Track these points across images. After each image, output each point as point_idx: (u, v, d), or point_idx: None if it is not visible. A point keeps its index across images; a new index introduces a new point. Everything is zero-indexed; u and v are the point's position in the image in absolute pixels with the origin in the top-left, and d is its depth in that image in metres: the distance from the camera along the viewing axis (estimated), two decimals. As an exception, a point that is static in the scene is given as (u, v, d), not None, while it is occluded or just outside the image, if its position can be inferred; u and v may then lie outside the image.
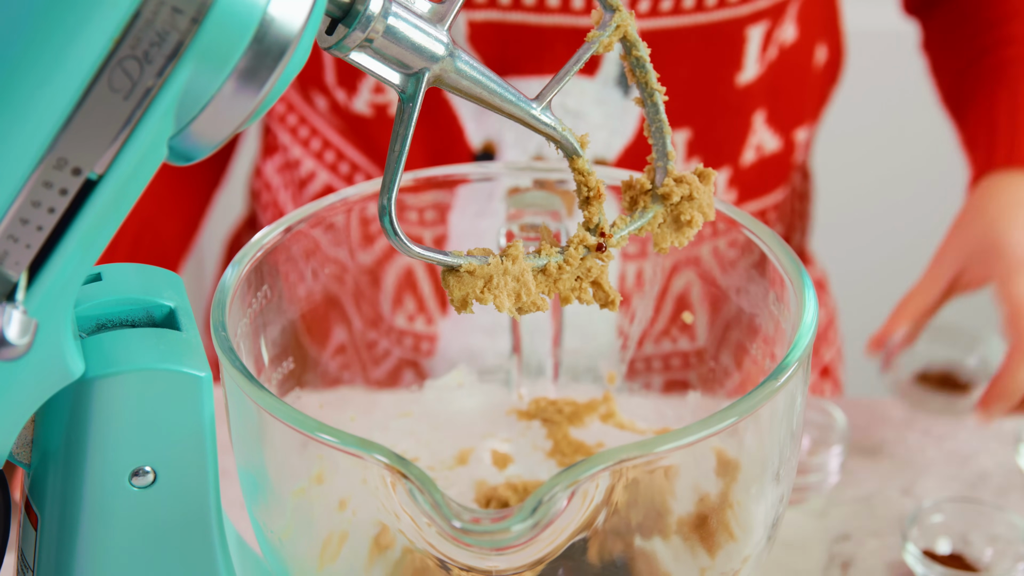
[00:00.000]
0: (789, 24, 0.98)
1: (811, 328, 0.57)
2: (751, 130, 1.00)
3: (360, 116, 0.98)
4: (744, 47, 0.96)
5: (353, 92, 0.97)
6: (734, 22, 0.94)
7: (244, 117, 0.47)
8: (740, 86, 0.97)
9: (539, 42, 0.93)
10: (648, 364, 0.92)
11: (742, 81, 0.97)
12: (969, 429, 0.91)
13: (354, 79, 0.96)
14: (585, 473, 0.50)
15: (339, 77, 0.97)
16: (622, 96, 0.94)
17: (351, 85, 0.97)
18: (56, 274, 0.47)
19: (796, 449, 0.60)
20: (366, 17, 0.50)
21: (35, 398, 0.50)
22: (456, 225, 0.91)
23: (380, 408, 0.77)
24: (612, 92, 0.94)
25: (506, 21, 0.92)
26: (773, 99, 1.00)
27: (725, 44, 0.95)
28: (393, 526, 0.55)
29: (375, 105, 0.97)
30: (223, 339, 0.57)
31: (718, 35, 0.94)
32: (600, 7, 0.57)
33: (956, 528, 0.80)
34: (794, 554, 0.81)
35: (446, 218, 0.90)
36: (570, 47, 0.93)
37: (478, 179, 0.73)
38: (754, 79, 0.97)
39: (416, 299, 0.95)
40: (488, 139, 0.96)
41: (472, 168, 0.73)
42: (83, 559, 0.54)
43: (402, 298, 0.95)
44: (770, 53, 0.98)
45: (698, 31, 0.93)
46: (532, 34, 0.93)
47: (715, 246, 0.70)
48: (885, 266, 1.91)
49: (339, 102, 0.98)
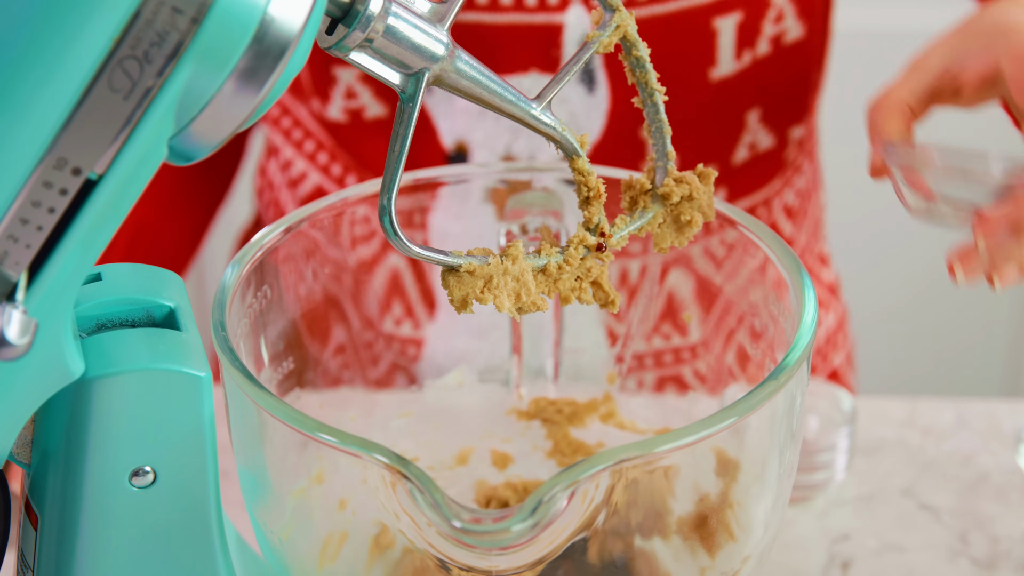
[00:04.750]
0: (790, 20, 0.97)
1: (811, 328, 0.57)
2: (744, 129, 0.99)
3: (336, 123, 0.98)
4: (715, 40, 0.94)
5: (327, 100, 0.96)
6: (695, 12, 0.92)
7: (244, 117, 0.47)
8: (715, 81, 0.96)
9: (494, 41, 0.92)
10: (648, 364, 0.92)
11: (716, 76, 0.96)
12: (969, 429, 0.91)
13: (326, 87, 0.96)
14: (585, 473, 0.50)
15: (312, 86, 0.97)
16: (586, 93, 0.93)
17: (324, 93, 0.96)
18: (56, 274, 0.47)
19: (796, 449, 0.60)
20: (366, 17, 0.50)
21: (35, 398, 0.50)
22: (437, 227, 0.90)
23: (380, 408, 0.77)
24: (575, 89, 0.93)
25: (460, 21, 0.92)
26: (767, 97, 0.99)
27: (690, 37, 0.93)
28: (393, 526, 0.55)
29: (348, 111, 0.96)
30: (223, 339, 0.58)
31: (680, 27, 0.92)
32: (600, 7, 0.57)
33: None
34: (794, 554, 0.81)
35: (426, 221, 0.90)
36: (525, 45, 0.92)
37: (455, 181, 0.72)
38: (733, 74, 0.96)
39: (403, 304, 0.95)
40: (460, 140, 0.95)
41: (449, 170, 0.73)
42: (83, 559, 0.54)
43: (390, 303, 0.95)
44: (760, 48, 0.96)
45: (657, 23, 0.92)
46: (487, 33, 0.92)
47: (715, 245, 0.70)
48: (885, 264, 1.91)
49: (314, 110, 0.98)
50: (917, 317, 1.96)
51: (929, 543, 0.82)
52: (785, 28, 0.97)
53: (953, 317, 1.95)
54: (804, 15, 0.98)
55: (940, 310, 1.95)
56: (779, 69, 0.98)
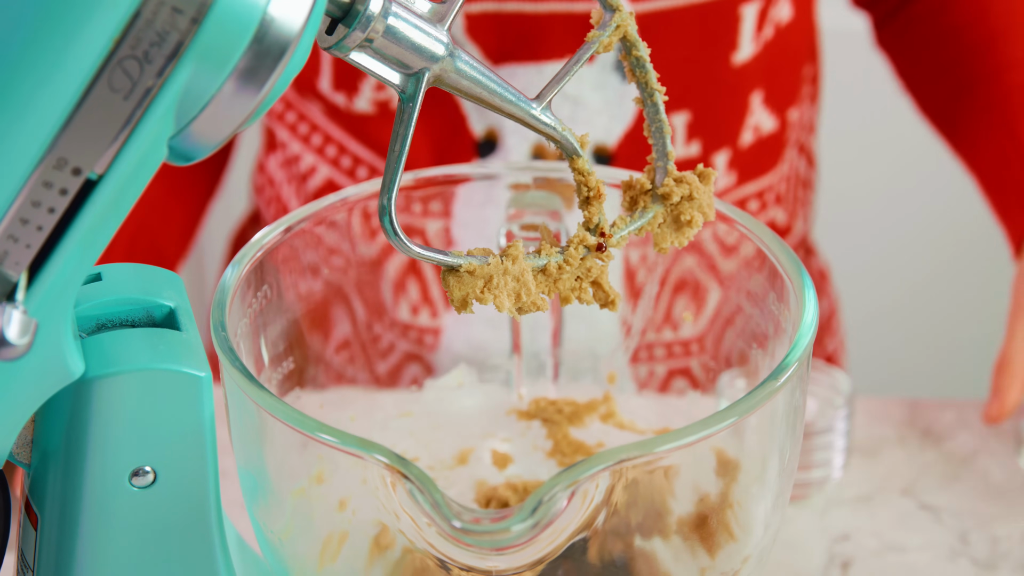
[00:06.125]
0: (784, 2, 0.99)
1: (811, 328, 0.57)
2: (749, 111, 1.00)
3: (363, 115, 0.98)
4: (739, 26, 0.96)
5: (354, 92, 0.97)
6: (727, 1, 0.95)
7: (244, 117, 0.47)
8: (736, 66, 0.98)
9: (536, 30, 0.93)
10: (648, 364, 0.92)
11: (737, 61, 0.97)
12: (969, 429, 0.91)
13: (355, 80, 0.97)
14: (585, 473, 0.50)
15: (336, 81, 0.97)
16: (620, 81, 0.94)
17: (352, 86, 0.97)
18: (56, 274, 0.47)
19: (796, 449, 0.60)
20: (366, 17, 0.50)
21: (35, 398, 0.50)
22: (460, 219, 0.91)
23: (380, 408, 0.77)
24: (610, 77, 0.94)
25: (502, 11, 0.93)
26: (770, 79, 1.00)
27: (719, 24, 0.96)
28: (393, 526, 0.55)
29: (377, 102, 0.97)
30: (223, 339, 0.58)
31: (712, 15, 0.95)
32: (600, 7, 0.57)
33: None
34: (794, 554, 0.81)
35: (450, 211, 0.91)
36: (566, 34, 0.93)
37: (479, 178, 0.73)
38: (750, 59, 0.98)
39: (421, 292, 0.96)
40: (490, 127, 0.96)
41: (472, 168, 0.73)
42: (83, 559, 0.54)
43: (406, 292, 0.95)
44: (766, 32, 0.98)
45: (692, 11, 0.94)
46: (528, 22, 0.93)
47: (714, 245, 0.70)
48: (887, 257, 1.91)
49: (338, 105, 0.98)
50: (917, 317, 1.96)
51: (929, 543, 0.82)
52: (780, 11, 0.99)
53: (953, 317, 1.95)
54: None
55: (940, 310, 1.95)
56: (778, 52, 1.00)
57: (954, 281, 1.93)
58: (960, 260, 1.91)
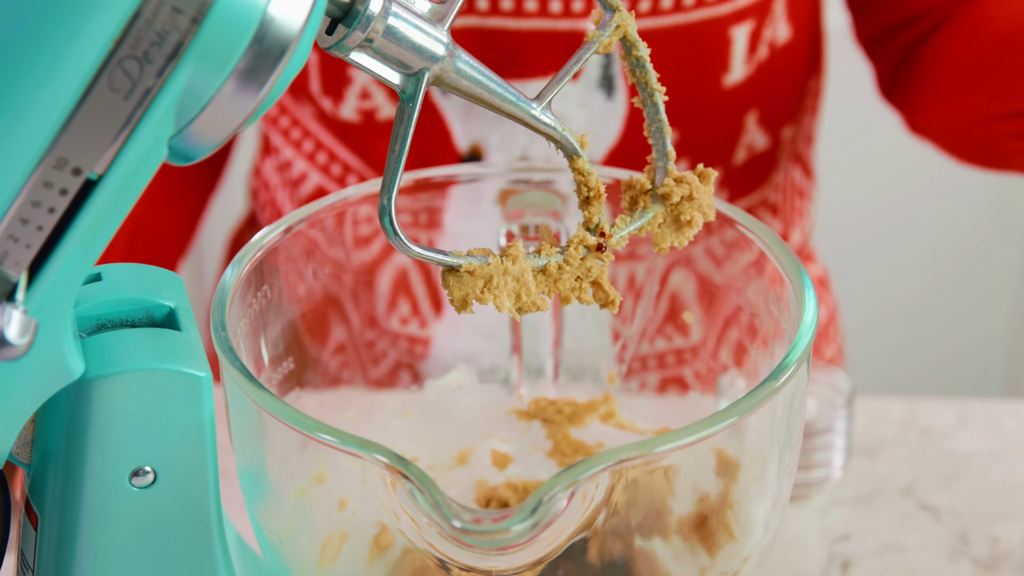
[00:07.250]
0: (780, 23, 0.98)
1: (811, 328, 0.57)
2: (743, 131, 0.99)
3: (348, 123, 0.98)
4: (730, 48, 0.95)
5: (340, 100, 0.97)
6: (715, 22, 0.94)
7: (244, 117, 0.47)
8: (728, 87, 0.97)
9: (519, 47, 0.93)
10: (649, 365, 0.92)
11: (729, 83, 0.97)
12: (969, 429, 0.91)
13: (340, 87, 0.96)
14: (585, 473, 0.50)
15: (324, 86, 0.97)
16: (605, 98, 0.94)
17: (337, 93, 0.97)
18: (56, 274, 0.47)
19: (796, 449, 0.60)
20: (366, 17, 0.50)
21: (35, 398, 0.50)
22: (450, 225, 0.91)
23: (380, 408, 0.77)
24: (595, 95, 0.94)
25: (485, 27, 0.92)
26: (766, 99, 1.00)
27: (708, 46, 0.95)
28: (393, 526, 0.55)
29: (362, 111, 0.97)
30: (223, 339, 0.58)
31: (700, 36, 0.94)
32: (600, 7, 0.57)
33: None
34: (794, 554, 0.81)
35: (440, 220, 0.90)
36: (549, 52, 0.92)
37: (468, 180, 0.72)
38: (742, 80, 0.97)
39: (410, 302, 0.95)
40: (475, 142, 0.96)
41: (463, 169, 0.73)
42: (83, 559, 0.54)
43: (396, 301, 0.95)
44: (760, 53, 0.97)
45: (679, 32, 0.93)
46: (511, 39, 0.92)
47: (714, 245, 0.70)
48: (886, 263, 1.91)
49: (325, 110, 0.98)
50: (917, 317, 1.96)
51: (929, 543, 0.82)
52: (776, 31, 0.98)
53: (953, 317, 1.96)
54: (792, 17, 0.99)
55: (940, 310, 1.95)
56: (774, 72, 0.99)
57: (954, 282, 1.94)
58: (960, 260, 1.91)
